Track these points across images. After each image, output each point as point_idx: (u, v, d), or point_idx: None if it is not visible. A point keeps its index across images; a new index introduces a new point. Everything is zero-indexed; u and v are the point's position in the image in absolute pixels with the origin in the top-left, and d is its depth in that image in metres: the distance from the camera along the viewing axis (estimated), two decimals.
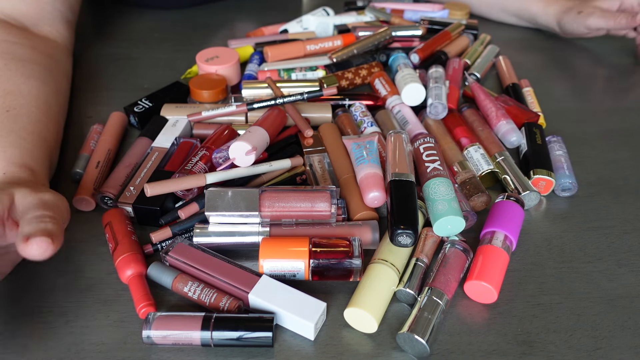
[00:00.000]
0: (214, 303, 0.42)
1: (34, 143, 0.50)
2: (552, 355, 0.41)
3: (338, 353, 0.41)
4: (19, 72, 0.55)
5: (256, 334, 0.39)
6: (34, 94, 0.54)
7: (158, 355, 0.40)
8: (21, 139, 0.49)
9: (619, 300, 0.45)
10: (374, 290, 0.43)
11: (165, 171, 0.52)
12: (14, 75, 0.54)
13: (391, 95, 0.65)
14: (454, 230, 0.46)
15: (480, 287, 0.44)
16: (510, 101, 0.65)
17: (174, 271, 0.44)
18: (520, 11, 0.87)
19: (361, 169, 0.51)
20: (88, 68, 0.75)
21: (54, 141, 0.54)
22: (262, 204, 0.46)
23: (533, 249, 0.50)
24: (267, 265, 0.44)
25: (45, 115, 0.54)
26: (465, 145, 0.58)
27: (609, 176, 0.59)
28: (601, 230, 0.52)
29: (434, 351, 0.41)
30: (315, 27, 0.80)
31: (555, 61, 0.81)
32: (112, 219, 0.48)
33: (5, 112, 0.50)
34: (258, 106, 0.60)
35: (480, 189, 0.52)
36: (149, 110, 0.62)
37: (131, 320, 0.43)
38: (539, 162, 0.56)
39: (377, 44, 0.74)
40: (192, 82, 0.64)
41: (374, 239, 0.47)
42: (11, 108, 0.51)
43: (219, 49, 0.69)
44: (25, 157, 0.48)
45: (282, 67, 0.70)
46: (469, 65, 0.75)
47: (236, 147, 0.50)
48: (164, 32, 0.85)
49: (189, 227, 0.48)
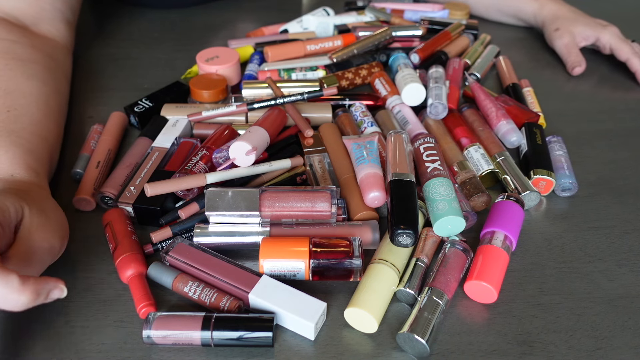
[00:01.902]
0: (214, 303, 0.42)
1: (36, 143, 0.50)
2: (552, 355, 0.41)
3: (338, 353, 0.41)
4: (19, 72, 0.55)
5: (256, 334, 0.40)
6: (35, 95, 0.54)
7: (158, 355, 0.40)
8: (23, 139, 0.49)
9: (619, 301, 0.45)
10: (374, 290, 0.43)
11: (166, 171, 0.52)
12: (15, 75, 0.54)
13: (391, 95, 0.65)
14: (454, 230, 0.46)
15: (480, 287, 0.44)
16: (511, 101, 0.65)
17: (174, 271, 0.44)
18: (516, 12, 0.88)
19: (361, 169, 0.51)
20: (88, 68, 0.75)
21: (54, 142, 0.54)
22: (262, 204, 0.46)
23: (533, 249, 0.50)
24: (267, 265, 0.44)
25: (46, 116, 0.54)
26: (466, 145, 0.58)
27: (609, 176, 0.59)
28: (601, 230, 0.52)
29: (434, 351, 0.41)
30: (316, 27, 0.80)
31: (555, 61, 0.81)
32: (112, 219, 0.48)
33: (6, 112, 0.50)
34: (258, 106, 0.60)
35: (481, 189, 0.52)
36: (149, 110, 0.62)
37: (131, 320, 0.43)
38: (539, 162, 0.56)
39: (377, 44, 0.74)
40: (192, 82, 0.64)
41: (374, 239, 0.47)
42: (12, 108, 0.51)
43: (219, 49, 0.69)
44: (28, 157, 0.48)
45: (282, 67, 0.70)
46: (469, 65, 0.75)
47: (236, 147, 0.50)
48: (164, 32, 0.85)
49: (189, 227, 0.48)
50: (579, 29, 0.80)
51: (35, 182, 0.46)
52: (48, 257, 0.41)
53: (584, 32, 0.79)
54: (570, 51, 0.78)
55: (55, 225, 0.43)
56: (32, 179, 0.46)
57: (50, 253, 0.41)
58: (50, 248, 0.41)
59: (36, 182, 0.47)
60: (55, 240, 0.42)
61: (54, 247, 0.42)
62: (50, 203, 0.45)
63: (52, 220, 0.43)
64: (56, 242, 0.42)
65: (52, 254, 0.42)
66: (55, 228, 0.42)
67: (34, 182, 0.46)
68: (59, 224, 0.44)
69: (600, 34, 0.79)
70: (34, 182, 0.46)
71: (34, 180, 0.46)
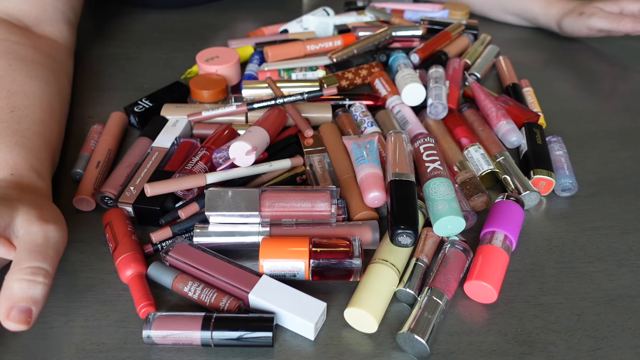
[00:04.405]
0: (214, 303, 0.42)
1: (39, 144, 0.50)
2: (552, 355, 0.41)
3: (338, 353, 0.41)
4: (22, 73, 0.55)
5: (256, 334, 0.40)
6: (38, 95, 0.54)
7: (158, 355, 0.40)
8: (26, 139, 0.49)
9: (619, 300, 0.45)
10: (374, 290, 0.43)
11: (166, 171, 0.52)
12: (19, 75, 0.54)
13: (391, 95, 0.65)
14: (454, 230, 0.46)
15: (480, 287, 0.44)
16: (511, 101, 0.65)
17: (174, 271, 0.44)
18: (521, 11, 0.87)
19: (361, 169, 0.51)
20: (88, 68, 0.75)
21: (56, 143, 0.54)
22: (262, 204, 0.46)
23: (533, 249, 0.50)
24: (267, 265, 0.44)
25: (49, 117, 0.54)
26: (466, 145, 0.58)
27: (609, 176, 0.59)
28: (601, 230, 0.52)
29: (434, 351, 0.41)
30: (315, 27, 0.80)
31: (555, 61, 0.81)
32: (112, 219, 0.48)
33: (10, 112, 0.50)
34: (258, 106, 0.60)
35: (481, 189, 0.52)
36: (149, 110, 0.62)
37: (131, 320, 0.43)
38: (539, 162, 0.56)
39: (377, 44, 0.74)
40: (192, 82, 0.64)
41: (374, 239, 0.47)
42: (16, 108, 0.51)
43: (219, 49, 0.69)
44: (31, 157, 0.48)
45: (282, 67, 0.70)
46: (469, 65, 0.75)
47: (236, 147, 0.50)
48: (164, 32, 0.85)
49: (189, 227, 0.48)
50: (600, 4, 0.79)
51: (37, 187, 0.46)
52: (52, 251, 0.39)
53: (606, 6, 0.79)
54: (616, 17, 0.76)
55: (54, 217, 0.41)
56: (32, 179, 0.46)
57: (54, 247, 0.39)
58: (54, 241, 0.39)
59: (36, 182, 0.47)
60: (56, 233, 0.40)
61: (57, 240, 0.40)
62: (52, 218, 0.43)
63: (48, 211, 0.41)
64: (57, 234, 0.40)
65: (56, 248, 0.40)
66: (55, 219, 0.41)
67: (36, 188, 0.46)
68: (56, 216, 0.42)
69: (623, 3, 0.78)
70: (36, 188, 0.46)
71: (32, 181, 0.46)
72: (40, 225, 0.39)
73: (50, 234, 0.39)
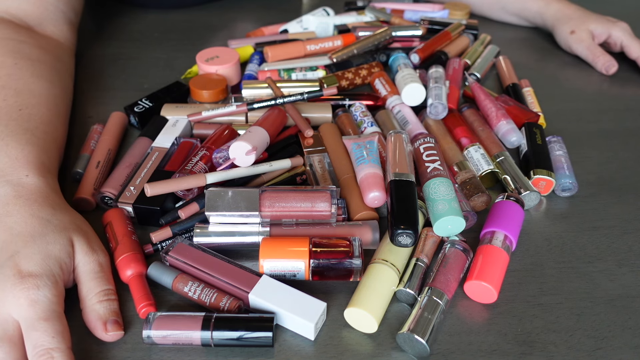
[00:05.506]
0: (214, 303, 0.42)
1: (48, 143, 0.50)
2: (552, 355, 0.41)
3: (338, 353, 0.41)
4: (28, 72, 0.55)
5: (256, 334, 0.40)
6: (45, 95, 0.54)
7: (158, 355, 0.40)
8: (37, 138, 0.49)
9: (619, 300, 0.45)
10: (374, 290, 0.43)
11: (166, 171, 0.52)
12: (25, 74, 0.54)
13: (391, 95, 0.65)
14: (454, 230, 0.46)
15: (480, 287, 0.44)
16: (511, 101, 0.65)
17: (174, 271, 0.44)
18: (520, 10, 0.87)
19: (361, 169, 0.51)
20: (88, 68, 0.75)
21: (62, 142, 0.54)
22: (262, 204, 0.46)
23: (533, 249, 0.50)
24: (267, 265, 0.44)
25: (56, 117, 0.54)
26: (466, 145, 0.58)
27: (609, 176, 0.59)
28: (601, 230, 0.52)
29: (434, 351, 0.41)
30: (315, 27, 0.80)
31: (555, 61, 0.81)
32: (112, 219, 0.48)
33: (18, 110, 0.50)
34: (258, 106, 0.60)
35: (481, 189, 0.52)
36: (149, 110, 0.62)
37: (131, 320, 0.43)
38: (539, 162, 0.56)
39: (377, 44, 0.74)
40: (192, 82, 0.64)
41: (374, 239, 0.47)
42: (23, 107, 0.51)
43: (219, 49, 0.69)
44: (43, 156, 0.48)
45: (282, 67, 0.70)
46: (469, 65, 0.75)
47: (236, 147, 0.50)
48: (164, 32, 0.85)
49: (189, 227, 0.48)
50: (592, 26, 0.79)
51: (49, 184, 0.47)
52: (107, 273, 0.44)
53: (597, 29, 0.79)
54: (595, 53, 0.77)
55: (98, 243, 0.45)
56: (47, 180, 0.47)
57: (107, 269, 0.44)
58: (106, 265, 0.44)
59: (50, 183, 0.47)
60: (104, 258, 0.45)
61: (106, 262, 0.45)
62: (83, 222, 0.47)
63: (92, 238, 0.45)
64: (105, 259, 0.45)
65: (107, 269, 0.44)
66: (99, 245, 0.45)
67: (49, 184, 0.47)
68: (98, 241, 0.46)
69: (612, 30, 0.78)
70: (49, 184, 0.47)
71: (49, 182, 0.47)
72: (92, 256, 0.43)
73: (101, 260, 0.44)
